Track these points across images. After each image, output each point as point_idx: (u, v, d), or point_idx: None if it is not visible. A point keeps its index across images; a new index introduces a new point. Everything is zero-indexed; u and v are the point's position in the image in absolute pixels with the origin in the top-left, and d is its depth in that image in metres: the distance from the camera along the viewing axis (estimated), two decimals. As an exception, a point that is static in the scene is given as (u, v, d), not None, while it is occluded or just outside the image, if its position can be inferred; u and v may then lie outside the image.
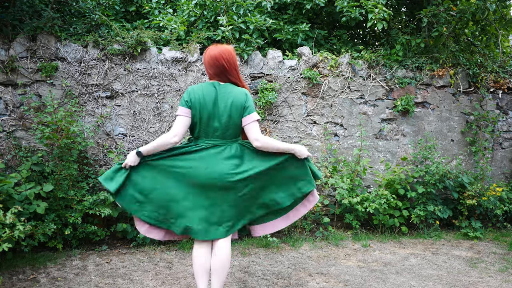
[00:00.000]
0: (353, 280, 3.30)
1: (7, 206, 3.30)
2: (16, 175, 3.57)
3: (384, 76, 4.77)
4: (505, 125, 5.10)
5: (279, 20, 5.08)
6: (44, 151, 3.95)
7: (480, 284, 3.31)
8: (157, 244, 3.96)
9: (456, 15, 4.74)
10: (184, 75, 4.33)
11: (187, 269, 3.42)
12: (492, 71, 5.02)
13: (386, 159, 4.80)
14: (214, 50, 2.53)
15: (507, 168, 5.14)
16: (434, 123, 4.90)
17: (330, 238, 4.28)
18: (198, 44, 4.44)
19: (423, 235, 4.51)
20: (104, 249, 3.84)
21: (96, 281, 3.14)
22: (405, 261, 3.79)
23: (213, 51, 2.53)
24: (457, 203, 4.70)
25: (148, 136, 4.28)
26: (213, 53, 2.53)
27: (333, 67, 4.65)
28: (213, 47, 2.56)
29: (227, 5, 4.72)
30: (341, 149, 4.71)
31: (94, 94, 4.17)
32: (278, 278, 3.29)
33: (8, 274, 3.21)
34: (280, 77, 4.53)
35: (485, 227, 4.84)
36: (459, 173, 4.65)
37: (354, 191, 4.45)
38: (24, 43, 3.96)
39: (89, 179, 4.05)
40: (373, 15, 4.43)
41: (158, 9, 5.27)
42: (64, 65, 4.07)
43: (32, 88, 4.01)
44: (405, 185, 4.51)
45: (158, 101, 4.29)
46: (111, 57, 4.17)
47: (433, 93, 4.88)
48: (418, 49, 4.96)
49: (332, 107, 4.67)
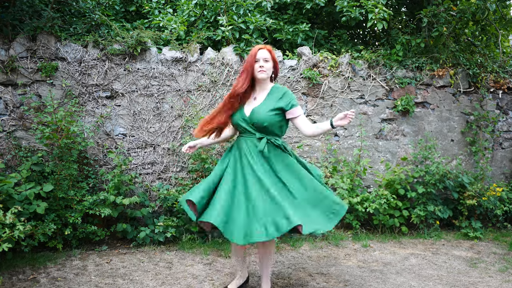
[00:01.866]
0: (353, 280, 3.30)
1: (7, 206, 3.30)
2: (16, 175, 3.57)
3: (384, 76, 4.77)
4: (505, 125, 5.10)
5: (279, 20, 5.08)
6: (44, 151, 3.95)
7: (480, 284, 3.31)
8: (157, 244, 3.96)
9: (456, 15, 4.74)
10: (184, 75, 4.33)
11: (187, 269, 3.42)
12: (492, 71, 5.02)
13: (386, 159, 4.80)
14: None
15: (507, 168, 5.14)
16: (434, 123, 4.90)
17: (330, 238, 4.28)
18: (198, 44, 4.44)
19: (423, 235, 4.51)
20: (104, 249, 3.84)
21: (96, 281, 3.14)
22: (405, 261, 3.79)
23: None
24: (457, 203, 4.70)
25: (148, 136, 4.28)
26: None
27: (333, 67, 4.65)
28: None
29: (227, 5, 4.72)
30: (341, 149, 4.71)
31: (94, 94, 4.16)
32: (278, 278, 3.29)
33: (8, 274, 3.21)
34: (280, 77, 4.53)
35: (485, 227, 4.84)
36: (459, 173, 4.65)
37: (354, 191, 4.44)
38: (24, 43, 3.96)
39: (89, 179, 4.05)
40: (373, 15, 4.43)
41: (158, 9, 5.27)
42: (64, 65, 4.07)
43: (32, 88, 4.01)
44: (405, 185, 4.51)
45: (158, 101, 4.29)
46: (111, 57, 4.17)
47: (433, 93, 4.88)
48: (418, 49, 4.96)
49: (332, 107, 4.67)
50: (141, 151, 4.27)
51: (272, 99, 2.72)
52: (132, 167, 4.23)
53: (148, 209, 3.99)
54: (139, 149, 4.26)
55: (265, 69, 2.69)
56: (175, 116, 4.31)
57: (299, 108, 2.74)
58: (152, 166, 4.29)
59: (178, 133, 4.33)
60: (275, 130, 2.73)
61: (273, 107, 2.69)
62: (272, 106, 2.69)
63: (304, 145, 4.59)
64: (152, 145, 4.29)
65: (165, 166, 4.31)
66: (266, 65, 2.69)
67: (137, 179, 4.20)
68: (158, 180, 4.29)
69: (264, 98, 2.74)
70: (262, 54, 2.69)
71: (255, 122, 2.68)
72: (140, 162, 4.26)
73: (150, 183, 4.26)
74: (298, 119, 2.74)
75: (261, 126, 2.68)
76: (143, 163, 4.27)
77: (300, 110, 2.74)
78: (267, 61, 2.70)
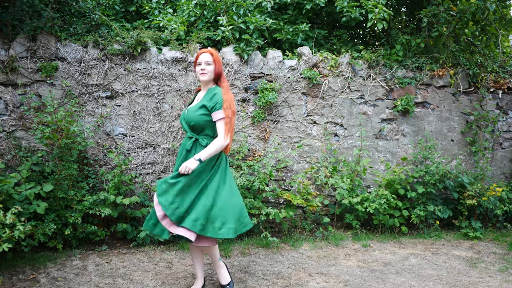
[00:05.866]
0: (353, 280, 3.30)
1: (7, 206, 3.30)
2: (16, 175, 3.57)
3: (384, 76, 4.77)
4: (505, 125, 5.10)
5: (279, 20, 5.08)
6: (44, 151, 3.95)
7: (480, 284, 3.31)
8: (157, 244, 3.96)
9: (456, 15, 4.74)
10: (184, 75, 4.33)
11: (187, 269, 3.42)
12: (492, 71, 5.02)
13: (386, 159, 4.80)
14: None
15: (507, 168, 5.14)
16: (434, 123, 4.90)
17: (330, 238, 4.28)
18: (198, 44, 4.44)
19: (423, 235, 4.51)
20: (104, 249, 3.84)
21: (96, 281, 3.14)
22: (405, 261, 3.79)
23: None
24: (457, 203, 4.70)
25: (148, 136, 4.28)
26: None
27: (333, 67, 4.65)
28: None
29: (227, 5, 4.72)
30: (341, 149, 4.71)
31: (94, 94, 4.17)
32: (278, 278, 3.29)
33: (8, 274, 3.21)
34: (280, 77, 4.53)
35: (485, 227, 4.84)
36: (459, 173, 4.65)
37: (354, 191, 4.45)
38: (24, 43, 3.96)
39: (89, 179, 4.05)
40: (373, 15, 4.43)
41: (158, 9, 5.27)
42: (64, 65, 4.07)
43: (32, 88, 4.01)
44: (405, 185, 4.51)
45: (158, 101, 4.29)
46: (111, 57, 4.17)
47: (433, 93, 4.88)
48: (418, 49, 4.96)
49: (332, 107, 4.67)
50: (141, 151, 4.27)
51: (203, 100, 2.81)
52: (132, 167, 4.23)
53: (148, 209, 3.99)
54: (139, 149, 4.26)
55: (206, 72, 2.80)
56: (175, 116, 4.31)
57: (220, 113, 2.74)
58: (152, 166, 4.29)
59: (178, 133, 4.33)
60: (205, 130, 2.79)
61: (201, 107, 2.77)
62: (201, 106, 2.78)
63: (304, 145, 4.59)
64: (152, 145, 4.29)
65: (165, 166, 4.31)
66: (208, 68, 2.80)
67: (137, 179, 4.20)
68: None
69: (200, 99, 2.85)
70: (204, 57, 2.82)
71: (187, 121, 2.81)
72: (140, 162, 4.26)
73: (150, 183, 4.26)
74: (217, 122, 2.75)
75: (189, 125, 2.80)
76: (143, 163, 4.27)
77: (220, 115, 2.74)
78: (208, 64, 2.81)
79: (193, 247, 2.95)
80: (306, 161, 4.62)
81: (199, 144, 2.78)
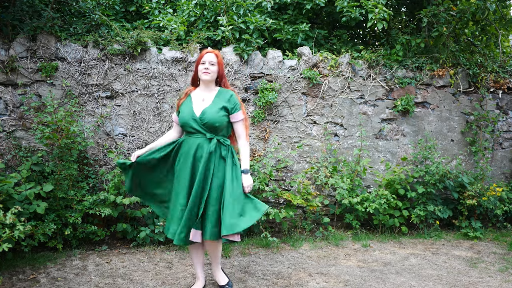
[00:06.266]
0: (353, 280, 3.30)
1: (7, 206, 3.30)
2: (16, 175, 3.57)
3: (384, 76, 4.77)
4: (505, 125, 5.10)
5: (279, 20, 5.08)
6: (44, 151, 3.95)
7: (480, 284, 3.31)
8: (157, 244, 3.96)
9: (456, 15, 4.74)
10: (184, 75, 4.33)
11: (187, 269, 3.42)
12: (492, 71, 5.02)
13: (386, 159, 4.80)
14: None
15: (507, 168, 5.14)
16: (434, 123, 4.90)
17: (330, 238, 4.28)
18: (198, 44, 4.44)
19: (423, 235, 4.51)
20: (104, 249, 3.84)
21: (96, 281, 3.14)
22: (405, 261, 3.79)
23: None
24: (457, 203, 4.70)
25: (148, 136, 4.28)
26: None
27: (333, 67, 4.65)
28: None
29: (227, 5, 4.72)
30: (341, 149, 4.71)
31: (94, 94, 4.17)
32: (278, 278, 3.29)
33: (8, 274, 3.21)
34: (280, 77, 4.53)
35: (485, 227, 4.84)
36: (459, 173, 4.65)
37: (354, 191, 4.45)
38: (24, 43, 3.96)
39: (89, 179, 4.05)
40: (373, 15, 4.43)
41: (158, 9, 5.27)
42: (64, 65, 4.07)
43: (32, 88, 4.01)
44: (405, 185, 4.51)
45: (158, 101, 4.29)
46: (111, 57, 4.17)
47: (433, 93, 4.88)
48: (418, 49, 4.96)
49: (332, 107, 4.67)
50: (141, 151, 4.26)
51: (220, 101, 2.83)
52: (132, 167, 4.23)
53: (148, 209, 3.99)
54: (139, 149, 4.26)
55: (210, 72, 2.81)
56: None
57: (240, 114, 2.85)
58: (152, 166, 4.28)
59: (178, 133, 4.33)
60: (223, 131, 2.84)
61: (222, 108, 2.80)
62: (221, 107, 2.80)
63: (304, 145, 4.59)
64: (152, 145, 4.28)
65: (165, 166, 4.31)
66: (211, 68, 2.82)
67: (137, 179, 4.19)
68: (158, 180, 4.29)
69: (212, 100, 2.85)
70: (209, 57, 2.83)
71: (208, 122, 2.77)
72: (140, 162, 4.25)
73: (150, 183, 4.26)
74: (238, 124, 2.86)
75: (212, 126, 2.78)
76: (143, 163, 4.26)
77: (240, 116, 2.85)
78: (212, 65, 2.83)
79: (193, 248, 2.95)
80: (306, 161, 4.62)
81: (221, 144, 2.81)
